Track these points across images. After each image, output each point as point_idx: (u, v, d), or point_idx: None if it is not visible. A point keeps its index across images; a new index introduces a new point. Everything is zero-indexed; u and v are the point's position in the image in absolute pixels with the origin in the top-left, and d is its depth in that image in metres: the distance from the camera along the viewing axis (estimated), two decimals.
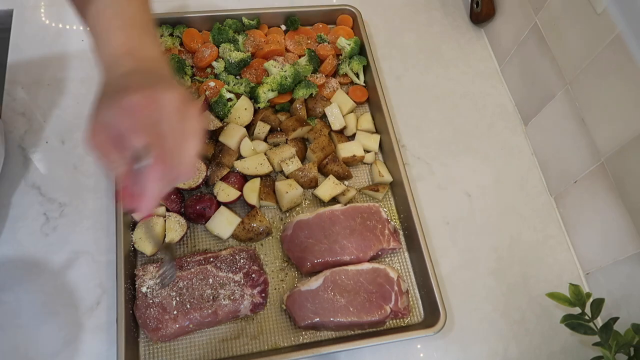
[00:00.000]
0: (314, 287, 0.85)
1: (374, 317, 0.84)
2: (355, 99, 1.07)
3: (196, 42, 1.06)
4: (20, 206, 0.89)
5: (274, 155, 0.95)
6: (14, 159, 0.93)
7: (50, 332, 0.81)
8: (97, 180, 0.93)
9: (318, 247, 0.88)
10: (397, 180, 0.98)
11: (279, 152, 0.96)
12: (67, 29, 1.07)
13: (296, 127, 0.98)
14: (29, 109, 0.98)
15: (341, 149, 0.99)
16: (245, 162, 0.94)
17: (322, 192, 0.95)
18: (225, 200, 0.90)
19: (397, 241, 0.92)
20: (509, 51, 1.14)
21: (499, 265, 0.97)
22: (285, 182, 0.93)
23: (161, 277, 0.75)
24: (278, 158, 0.95)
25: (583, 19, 0.89)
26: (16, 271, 0.84)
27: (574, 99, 0.94)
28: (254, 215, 0.90)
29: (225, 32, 1.05)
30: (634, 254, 0.85)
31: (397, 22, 1.22)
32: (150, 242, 0.85)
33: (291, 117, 1.00)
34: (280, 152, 0.96)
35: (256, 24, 1.11)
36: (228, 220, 0.89)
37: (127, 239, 0.85)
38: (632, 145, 0.82)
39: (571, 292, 0.84)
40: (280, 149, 0.97)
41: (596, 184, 0.91)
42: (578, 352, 0.91)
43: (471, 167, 1.06)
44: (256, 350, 0.83)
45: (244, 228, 0.89)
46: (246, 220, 0.89)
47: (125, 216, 0.86)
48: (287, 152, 0.96)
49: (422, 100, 1.13)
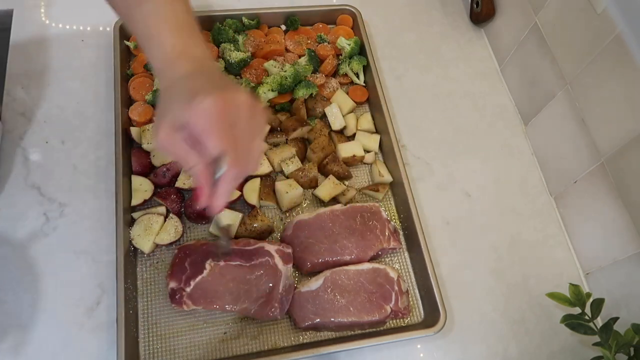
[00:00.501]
0: (314, 288, 0.85)
1: (374, 317, 0.84)
2: (355, 99, 1.07)
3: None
4: (20, 206, 0.89)
5: (274, 155, 0.95)
6: (14, 159, 0.93)
7: (50, 332, 0.81)
8: (97, 180, 0.93)
9: (318, 247, 0.88)
10: (397, 180, 0.98)
11: (279, 152, 0.96)
12: (67, 28, 1.07)
13: (296, 127, 0.98)
14: (29, 109, 0.98)
15: (341, 149, 0.99)
16: None
17: (322, 192, 0.95)
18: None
19: (397, 241, 0.92)
20: (509, 51, 1.14)
21: (499, 265, 0.97)
22: (285, 182, 0.93)
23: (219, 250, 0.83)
24: (278, 158, 0.95)
25: (583, 19, 0.89)
26: (16, 271, 0.84)
27: (574, 99, 0.94)
28: (254, 215, 0.90)
29: (225, 32, 1.05)
30: (634, 254, 0.85)
31: (397, 22, 1.22)
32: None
33: (291, 117, 1.00)
34: (280, 152, 0.96)
35: (256, 24, 1.10)
36: (230, 219, 0.89)
37: (127, 239, 0.85)
38: (632, 145, 0.82)
39: (571, 292, 0.84)
40: (280, 149, 0.97)
41: (596, 184, 0.91)
42: (578, 352, 0.91)
43: (471, 167, 1.06)
44: (256, 350, 0.83)
45: (246, 229, 0.89)
46: (247, 220, 0.89)
47: (125, 216, 0.86)
48: (287, 152, 0.96)
49: (422, 100, 1.13)
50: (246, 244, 0.86)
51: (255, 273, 0.84)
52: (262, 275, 0.84)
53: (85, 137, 0.97)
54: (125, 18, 0.65)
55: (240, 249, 0.85)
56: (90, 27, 1.07)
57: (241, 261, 0.84)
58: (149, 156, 0.93)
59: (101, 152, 0.96)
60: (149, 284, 0.86)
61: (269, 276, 0.84)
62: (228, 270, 0.83)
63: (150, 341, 0.82)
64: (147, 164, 0.93)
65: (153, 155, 0.93)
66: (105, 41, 1.05)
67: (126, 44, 1.03)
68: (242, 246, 0.86)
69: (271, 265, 0.84)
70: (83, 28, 1.08)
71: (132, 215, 0.89)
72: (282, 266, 0.84)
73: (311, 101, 1.03)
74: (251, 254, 0.85)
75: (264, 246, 0.85)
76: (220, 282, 0.82)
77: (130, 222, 0.88)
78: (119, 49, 1.00)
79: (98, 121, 0.98)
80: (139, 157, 0.93)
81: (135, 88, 0.99)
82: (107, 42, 1.05)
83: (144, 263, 0.88)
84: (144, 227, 0.86)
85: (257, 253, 0.85)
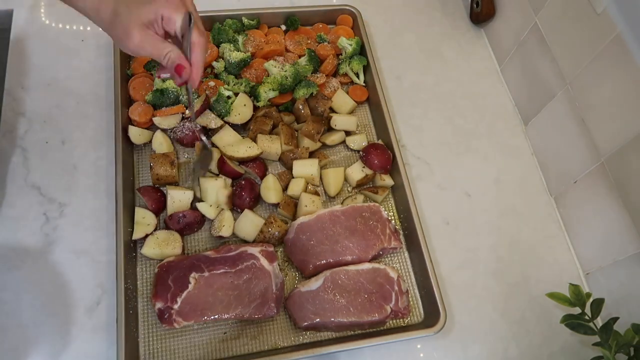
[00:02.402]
0: (314, 288, 0.84)
1: (375, 317, 0.84)
2: (355, 99, 1.07)
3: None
4: (20, 206, 0.89)
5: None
6: (14, 159, 0.93)
7: (50, 332, 0.81)
8: (97, 180, 0.93)
9: (320, 249, 0.88)
10: (397, 181, 0.98)
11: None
12: (67, 28, 1.07)
13: (320, 129, 0.98)
14: (29, 109, 0.98)
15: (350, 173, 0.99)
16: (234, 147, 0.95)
17: (352, 173, 0.98)
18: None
19: (397, 240, 0.92)
20: (509, 51, 1.14)
21: (499, 265, 0.97)
22: (309, 197, 0.93)
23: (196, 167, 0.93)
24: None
25: (583, 19, 0.89)
26: (16, 271, 0.84)
27: (574, 99, 0.94)
28: (271, 222, 0.90)
29: (225, 32, 1.05)
30: (634, 254, 0.85)
31: (397, 22, 1.22)
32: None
33: (309, 122, 0.99)
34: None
35: (256, 24, 1.11)
36: (253, 223, 0.90)
37: (127, 239, 0.85)
38: (632, 145, 0.82)
39: (571, 292, 0.84)
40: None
41: (596, 184, 0.91)
42: (578, 352, 0.91)
43: (471, 167, 1.06)
44: (256, 350, 0.83)
45: (264, 237, 0.89)
46: (264, 228, 0.89)
47: (125, 216, 0.86)
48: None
49: (422, 100, 1.13)
50: (228, 250, 0.85)
51: (242, 277, 0.83)
52: (251, 278, 0.83)
53: (85, 137, 0.97)
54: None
55: (222, 256, 0.84)
56: (90, 27, 1.08)
57: (226, 268, 0.83)
58: (163, 195, 0.92)
59: (101, 152, 0.96)
60: (149, 284, 0.86)
61: (258, 278, 0.83)
62: (214, 279, 0.82)
63: (150, 341, 0.82)
64: (159, 199, 0.91)
65: (172, 201, 0.90)
66: (105, 41, 1.06)
67: None
68: (225, 253, 0.85)
69: (258, 267, 0.84)
70: (83, 28, 1.08)
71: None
72: (269, 266, 0.84)
73: (312, 100, 1.03)
74: (235, 259, 0.84)
75: (246, 249, 0.85)
76: (208, 292, 0.82)
77: (130, 223, 0.88)
78: (119, 49, 1.00)
79: (98, 121, 0.98)
80: (150, 195, 0.90)
81: (135, 88, 0.99)
82: (107, 42, 1.05)
83: (144, 263, 0.88)
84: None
85: (241, 257, 0.84)
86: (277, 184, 0.94)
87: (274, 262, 0.85)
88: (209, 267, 0.83)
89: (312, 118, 0.99)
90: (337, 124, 1.02)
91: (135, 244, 0.88)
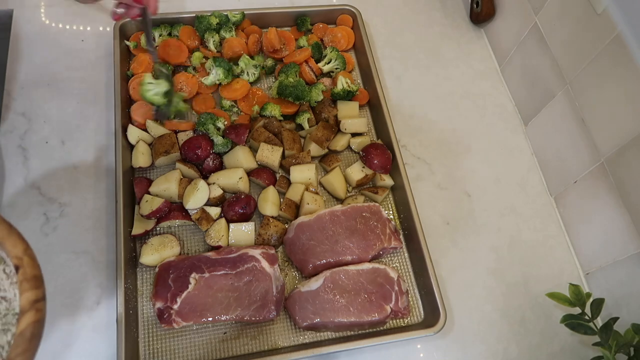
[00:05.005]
0: (314, 288, 0.84)
1: (375, 317, 0.84)
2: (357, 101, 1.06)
3: (192, 40, 1.06)
4: (20, 206, 0.89)
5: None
6: (14, 159, 0.93)
7: (50, 332, 0.81)
8: (97, 180, 0.93)
9: (320, 249, 0.88)
10: (397, 181, 0.98)
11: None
12: (67, 29, 1.07)
13: (329, 136, 0.99)
14: (29, 109, 0.98)
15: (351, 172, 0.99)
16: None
17: (352, 173, 0.97)
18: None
19: (398, 240, 0.92)
20: (509, 51, 1.14)
21: (499, 265, 0.97)
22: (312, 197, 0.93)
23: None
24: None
25: (583, 19, 0.89)
26: None
27: (574, 99, 0.94)
28: (266, 223, 0.90)
29: (206, 20, 1.04)
30: (634, 254, 0.85)
31: (397, 22, 1.22)
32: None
33: (318, 127, 0.99)
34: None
35: (240, 18, 1.08)
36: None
37: (127, 239, 0.85)
38: (632, 145, 0.82)
39: (571, 292, 0.84)
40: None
41: (596, 184, 0.91)
42: (578, 352, 0.91)
43: (471, 167, 1.06)
44: (256, 350, 0.83)
45: (263, 240, 0.89)
46: (262, 231, 0.89)
47: (125, 215, 0.86)
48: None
49: (422, 100, 1.13)
50: (229, 252, 0.85)
51: (243, 279, 0.83)
52: (252, 281, 0.83)
53: (85, 137, 0.97)
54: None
55: (223, 258, 0.84)
56: (90, 27, 1.08)
57: (226, 269, 0.83)
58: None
59: (101, 152, 0.96)
60: (149, 284, 0.86)
61: (259, 281, 0.83)
62: (214, 280, 0.82)
63: (150, 341, 0.82)
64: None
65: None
66: (105, 41, 1.06)
67: (126, 44, 1.03)
68: (225, 254, 0.85)
69: (259, 269, 0.83)
70: (83, 28, 1.08)
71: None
72: (269, 268, 0.84)
73: (318, 106, 1.03)
74: (235, 261, 0.84)
75: (247, 251, 0.85)
76: (207, 294, 0.81)
77: (130, 223, 0.88)
78: (119, 49, 1.01)
79: (98, 121, 0.98)
80: (141, 185, 0.91)
81: (135, 88, 0.99)
82: (107, 42, 1.05)
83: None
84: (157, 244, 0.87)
85: (242, 259, 0.84)
86: (275, 196, 0.93)
87: (275, 264, 0.85)
88: (210, 268, 0.83)
89: (323, 124, 0.99)
90: (347, 127, 1.02)
91: (135, 243, 0.88)
